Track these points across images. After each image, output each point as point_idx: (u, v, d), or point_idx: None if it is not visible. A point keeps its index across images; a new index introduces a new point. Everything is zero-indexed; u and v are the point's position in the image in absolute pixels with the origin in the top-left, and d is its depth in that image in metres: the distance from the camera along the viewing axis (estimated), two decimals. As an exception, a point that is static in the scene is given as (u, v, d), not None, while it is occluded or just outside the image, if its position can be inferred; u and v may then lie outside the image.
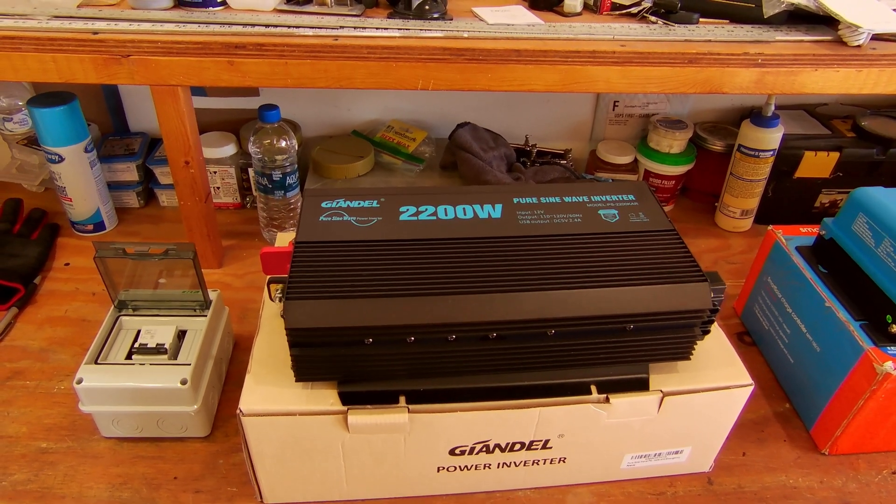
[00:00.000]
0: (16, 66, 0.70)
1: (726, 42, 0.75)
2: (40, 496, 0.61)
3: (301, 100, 1.06)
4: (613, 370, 0.56)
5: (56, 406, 0.70)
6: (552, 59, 0.72)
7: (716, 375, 0.57)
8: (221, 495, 0.62)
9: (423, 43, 0.71)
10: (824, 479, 0.66)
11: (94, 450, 0.66)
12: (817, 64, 0.75)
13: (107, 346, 0.65)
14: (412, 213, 0.59)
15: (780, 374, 0.77)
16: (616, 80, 0.74)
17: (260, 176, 0.91)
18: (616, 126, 1.12)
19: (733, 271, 0.95)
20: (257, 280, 0.89)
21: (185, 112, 0.76)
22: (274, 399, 0.53)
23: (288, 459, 0.56)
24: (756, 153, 0.95)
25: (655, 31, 0.77)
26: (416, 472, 0.59)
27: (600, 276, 0.53)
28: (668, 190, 1.07)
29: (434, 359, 0.53)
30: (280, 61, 0.70)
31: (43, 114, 0.85)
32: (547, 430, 0.57)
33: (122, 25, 0.71)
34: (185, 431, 0.66)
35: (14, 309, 0.82)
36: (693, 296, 0.53)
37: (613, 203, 0.62)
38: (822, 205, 1.04)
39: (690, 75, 0.74)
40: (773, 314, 0.77)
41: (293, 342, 0.51)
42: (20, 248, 0.90)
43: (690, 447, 0.62)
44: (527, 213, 0.59)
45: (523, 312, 0.50)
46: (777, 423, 0.72)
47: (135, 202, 1.04)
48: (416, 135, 1.04)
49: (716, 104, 1.11)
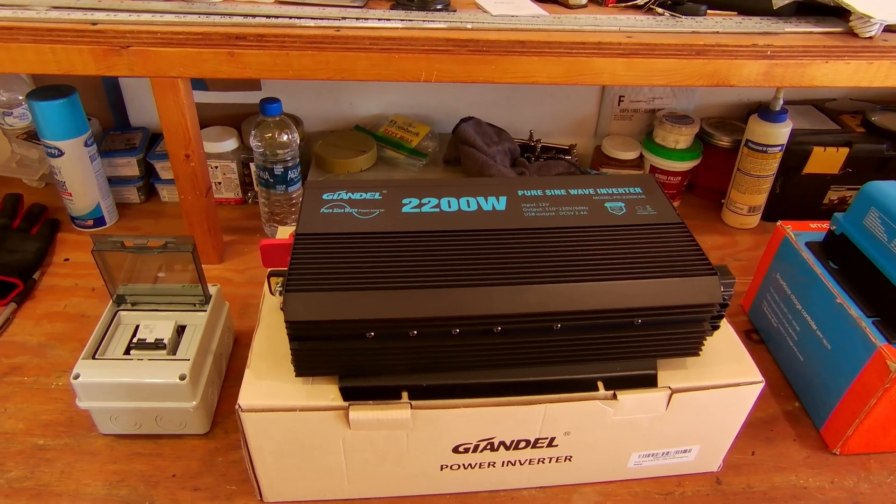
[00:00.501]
0: (14, 57, 0.69)
1: (734, 34, 0.74)
2: (37, 493, 0.60)
3: (303, 94, 1.05)
4: (621, 366, 0.54)
5: (53, 402, 0.69)
6: (556, 50, 0.71)
7: (725, 372, 0.56)
8: (220, 493, 0.61)
9: (425, 34, 0.70)
10: (835, 479, 0.65)
11: (91, 447, 0.65)
12: (828, 56, 0.73)
13: (105, 341, 0.64)
14: (415, 206, 0.58)
15: (789, 372, 0.76)
16: (621, 73, 0.73)
17: (261, 170, 0.90)
18: (621, 121, 1.11)
19: (740, 268, 0.94)
20: (258, 275, 0.88)
21: (185, 104, 0.75)
22: (274, 394, 0.52)
23: (288, 456, 0.55)
24: (764, 148, 0.94)
25: (662, 23, 0.76)
26: (419, 470, 0.58)
27: (607, 269, 0.52)
28: (674, 186, 1.05)
29: (437, 353, 0.52)
30: (281, 53, 0.69)
31: (42, 107, 0.84)
32: (553, 427, 0.56)
33: (121, 16, 0.70)
34: (184, 428, 0.65)
35: (12, 304, 0.81)
36: (702, 290, 0.51)
37: (620, 196, 0.60)
38: (830, 201, 1.02)
39: (697, 67, 0.73)
40: (781, 311, 0.76)
41: (293, 336, 0.50)
42: (19, 244, 0.89)
43: (699, 446, 0.61)
44: (532, 206, 0.58)
45: (529, 306, 0.49)
46: (786, 422, 0.71)
47: (135, 197, 1.03)
48: (419, 129, 1.03)
49: (722, 99, 1.10)
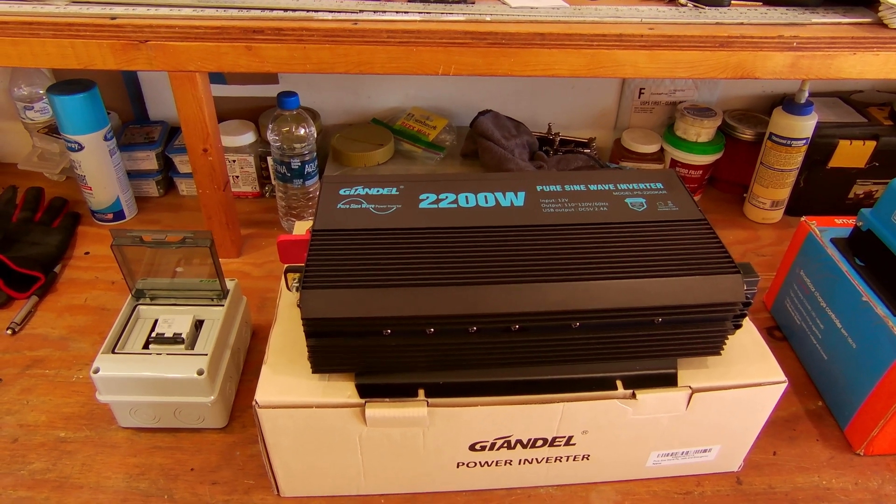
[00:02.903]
0: (35, 52, 0.70)
1: (760, 25, 0.73)
2: (59, 485, 0.61)
3: (321, 87, 1.05)
4: (640, 365, 0.54)
5: (75, 395, 0.70)
6: (577, 42, 0.70)
7: (747, 371, 0.55)
8: (238, 487, 0.61)
9: (444, 27, 0.69)
10: (859, 480, 0.64)
11: (111, 440, 0.65)
12: (856, 47, 0.71)
13: (124, 336, 0.65)
14: (432, 201, 0.57)
15: (813, 370, 0.74)
16: (643, 65, 0.71)
17: (279, 164, 0.90)
18: (642, 114, 1.09)
19: (763, 264, 0.92)
20: (276, 269, 0.89)
21: (203, 98, 0.75)
22: (290, 390, 0.52)
23: (304, 452, 0.55)
24: (788, 142, 0.92)
25: (685, 14, 0.74)
26: (435, 468, 0.58)
27: (627, 266, 0.51)
28: (696, 180, 1.04)
29: (454, 351, 0.51)
30: (299, 46, 0.69)
31: (63, 101, 0.85)
32: (570, 425, 0.55)
33: (139, 10, 0.70)
34: (202, 422, 0.66)
35: (34, 297, 0.82)
36: (725, 288, 0.50)
37: (641, 191, 0.59)
38: (856, 196, 1.00)
39: (721, 59, 0.71)
40: (805, 308, 0.75)
41: (310, 332, 0.49)
42: (41, 237, 0.90)
43: (719, 445, 0.60)
44: (551, 202, 0.57)
45: (547, 304, 0.49)
46: (809, 421, 0.70)
47: (154, 191, 1.04)
48: (436, 123, 1.02)
49: (746, 91, 1.08)
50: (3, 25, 0.68)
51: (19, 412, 0.68)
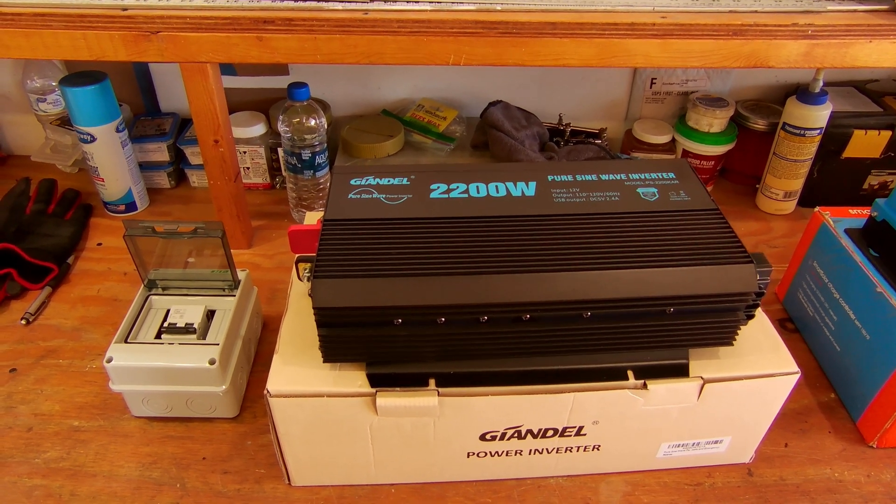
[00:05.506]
0: (47, 43, 0.70)
1: (774, 13, 0.72)
2: (73, 474, 0.61)
3: (331, 79, 1.05)
4: (652, 355, 0.53)
5: (88, 385, 0.70)
6: (588, 31, 0.69)
7: (759, 362, 0.55)
8: (249, 476, 0.62)
9: (454, 16, 0.69)
10: (871, 472, 0.63)
11: (124, 429, 0.66)
12: (872, 35, 0.70)
13: (136, 326, 0.65)
14: (443, 191, 0.57)
15: (825, 362, 0.74)
16: (656, 54, 0.71)
17: (289, 155, 0.90)
18: (653, 104, 1.08)
19: (775, 255, 0.91)
20: (287, 260, 0.89)
21: (213, 90, 0.75)
22: (301, 380, 0.52)
23: (315, 441, 0.56)
24: (802, 132, 0.91)
25: (698, 2, 0.74)
26: (446, 457, 0.58)
27: (639, 256, 0.50)
28: (708, 171, 1.03)
29: (465, 341, 0.51)
30: (309, 37, 0.69)
31: (75, 93, 0.85)
32: (581, 416, 0.55)
33: (150, 1, 0.70)
34: (214, 412, 0.66)
35: (48, 288, 0.83)
36: (737, 278, 0.50)
37: (653, 181, 0.59)
38: (870, 186, 0.99)
39: (735, 48, 0.71)
40: (818, 300, 0.74)
41: (321, 322, 0.49)
42: (54, 228, 0.91)
43: (731, 437, 0.60)
44: (562, 191, 0.57)
45: (558, 293, 0.48)
46: (821, 413, 0.69)
47: (166, 183, 1.04)
48: (446, 114, 1.02)
49: (758, 81, 1.07)
50: (16, 17, 0.69)
51: (34, 401, 0.68)
